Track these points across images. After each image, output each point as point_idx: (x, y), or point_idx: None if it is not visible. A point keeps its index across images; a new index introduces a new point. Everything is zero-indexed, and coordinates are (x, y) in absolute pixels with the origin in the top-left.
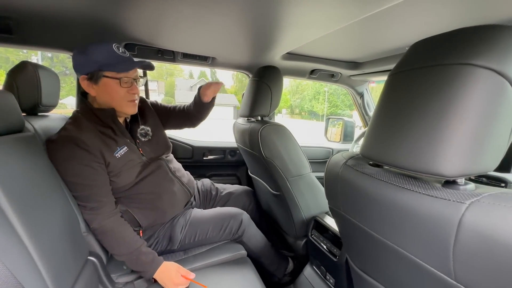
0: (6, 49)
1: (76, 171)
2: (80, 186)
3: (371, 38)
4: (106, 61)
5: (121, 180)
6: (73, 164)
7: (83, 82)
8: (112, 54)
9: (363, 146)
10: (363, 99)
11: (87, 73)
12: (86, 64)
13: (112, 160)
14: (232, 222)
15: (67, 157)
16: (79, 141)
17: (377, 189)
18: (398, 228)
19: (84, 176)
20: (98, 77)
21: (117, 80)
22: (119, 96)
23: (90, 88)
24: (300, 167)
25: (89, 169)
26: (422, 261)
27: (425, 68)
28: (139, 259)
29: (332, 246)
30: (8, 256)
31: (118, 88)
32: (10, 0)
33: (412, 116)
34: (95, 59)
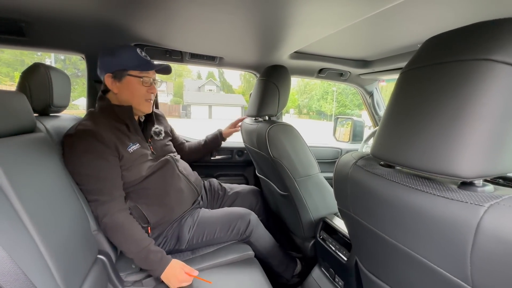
0: (21, 52)
1: (93, 164)
2: (94, 179)
3: (381, 35)
4: (130, 62)
5: (132, 174)
6: (90, 157)
7: (108, 79)
8: (136, 56)
9: (374, 146)
10: (373, 98)
11: (112, 71)
12: (113, 64)
13: (125, 154)
14: (240, 223)
15: (84, 150)
16: (97, 135)
17: (388, 190)
18: (411, 231)
19: (100, 169)
20: (122, 75)
21: (139, 79)
22: (139, 94)
23: (113, 86)
24: (308, 167)
25: (105, 162)
26: (436, 265)
27: (440, 64)
28: (148, 258)
29: (341, 248)
30: (19, 254)
31: (139, 87)
32: (22, 4)
33: (426, 115)
34: (121, 60)
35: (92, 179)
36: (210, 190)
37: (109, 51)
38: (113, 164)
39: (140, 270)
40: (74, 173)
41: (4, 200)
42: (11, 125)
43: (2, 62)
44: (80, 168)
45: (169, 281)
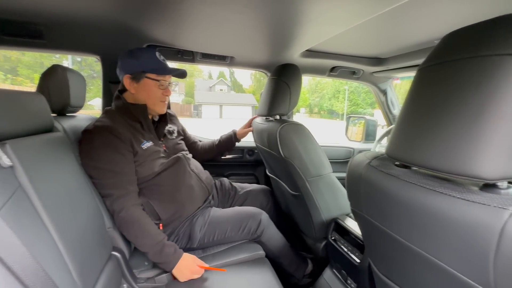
0: (41, 55)
1: (110, 158)
2: (111, 173)
3: (395, 32)
4: (149, 65)
5: (144, 170)
6: (107, 152)
7: (126, 80)
8: (155, 60)
9: (390, 145)
10: (387, 96)
11: (131, 72)
12: (132, 66)
13: (139, 150)
14: (251, 222)
15: (102, 145)
16: (113, 130)
17: (404, 191)
18: (428, 234)
19: (116, 163)
20: (140, 77)
21: (156, 82)
22: (155, 96)
23: (131, 86)
24: (320, 167)
25: (121, 156)
26: (456, 270)
27: (461, 60)
28: (163, 251)
29: (353, 249)
30: (38, 250)
31: (156, 89)
32: (41, 8)
33: (446, 113)
34: (141, 63)
35: (108, 173)
36: (221, 190)
37: (130, 53)
38: (128, 159)
39: (152, 267)
40: (90, 167)
41: (24, 197)
42: (31, 125)
43: (23, 64)
44: (97, 163)
45: (182, 273)
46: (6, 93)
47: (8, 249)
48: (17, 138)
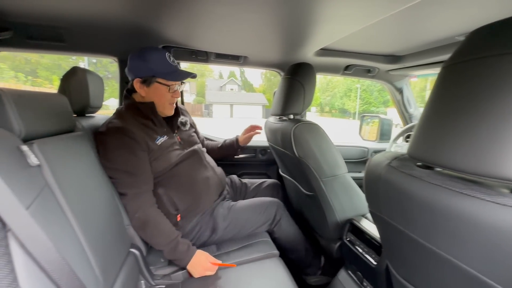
0: (58, 57)
1: (124, 159)
2: (125, 174)
3: (413, 28)
4: (160, 69)
5: (161, 164)
6: (121, 152)
7: (137, 84)
8: (166, 64)
9: (411, 145)
10: (403, 95)
11: (142, 77)
12: (143, 69)
13: (154, 146)
14: (270, 209)
15: (116, 146)
16: (127, 131)
17: (428, 193)
18: (454, 237)
19: (130, 164)
20: (151, 82)
21: (167, 87)
22: (165, 99)
23: (141, 90)
24: (335, 167)
25: (135, 157)
26: (486, 277)
27: (490, 57)
28: (177, 248)
29: (370, 251)
30: (63, 246)
31: (166, 93)
32: (62, 11)
33: (474, 112)
34: (151, 67)
35: (123, 174)
36: (232, 186)
37: (140, 55)
38: (143, 158)
39: (168, 264)
40: (107, 168)
41: (51, 195)
42: (55, 125)
43: (42, 66)
44: (112, 164)
45: (195, 269)
46: (32, 94)
47: (37, 245)
48: (43, 138)
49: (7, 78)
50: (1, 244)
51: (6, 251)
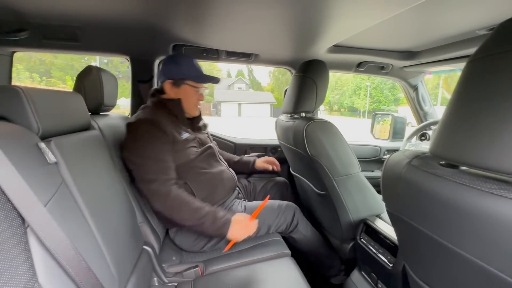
0: (71, 58)
1: (153, 147)
2: (155, 160)
3: (431, 23)
4: (190, 73)
5: (182, 157)
6: (151, 141)
7: (167, 85)
8: (195, 68)
9: (434, 143)
10: (417, 92)
11: (173, 78)
12: (175, 72)
13: (179, 139)
14: (287, 213)
15: (146, 135)
16: (156, 123)
17: (453, 193)
18: (484, 240)
19: (159, 151)
20: (180, 83)
21: (195, 89)
22: (192, 101)
23: (171, 91)
24: (349, 166)
25: (163, 146)
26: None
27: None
28: (217, 215)
29: (385, 252)
30: (80, 243)
31: (193, 95)
32: (76, 11)
33: (505, 108)
34: (184, 70)
35: (153, 161)
36: (242, 187)
37: (172, 59)
38: (169, 149)
39: (180, 262)
40: (136, 155)
41: (67, 193)
42: (71, 123)
43: (56, 67)
44: (142, 150)
45: (238, 233)
46: (49, 92)
47: (55, 241)
48: (60, 135)
49: (23, 79)
50: (21, 240)
51: (26, 247)
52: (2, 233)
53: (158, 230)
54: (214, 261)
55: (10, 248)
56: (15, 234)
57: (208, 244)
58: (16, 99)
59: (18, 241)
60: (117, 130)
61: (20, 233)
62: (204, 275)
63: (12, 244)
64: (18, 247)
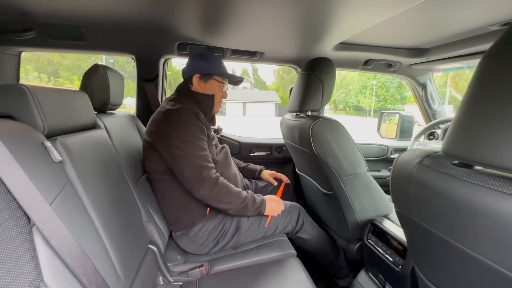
0: (78, 58)
1: (197, 135)
2: (200, 148)
3: (442, 18)
4: (217, 69)
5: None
6: (195, 129)
7: (195, 79)
8: (222, 65)
9: (447, 142)
10: (426, 90)
11: (201, 73)
12: (204, 67)
13: (209, 135)
14: (292, 212)
15: (189, 123)
16: (196, 113)
17: (467, 194)
18: (500, 243)
19: (202, 140)
20: (209, 78)
21: (221, 84)
22: (218, 97)
23: (198, 85)
24: (356, 166)
25: (204, 136)
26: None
27: None
28: (255, 198)
29: (393, 253)
30: (85, 242)
31: (219, 90)
32: (82, 11)
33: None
34: (213, 66)
35: (198, 147)
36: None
37: (202, 56)
38: (206, 140)
39: (185, 262)
40: (181, 141)
41: (72, 191)
42: (77, 122)
43: (63, 67)
44: (188, 137)
45: (274, 209)
46: (55, 91)
47: (60, 240)
48: (66, 134)
49: (31, 79)
50: (27, 239)
51: (31, 246)
52: (8, 232)
53: (164, 229)
54: (219, 261)
55: (15, 247)
56: (21, 233)
57: (215, 248)
58: (22, 98)
59: (23, 240)
60: (123, 128)
61: (25, 232)
62: (209, 275)
63: (18, 243)
64: (24, 246)
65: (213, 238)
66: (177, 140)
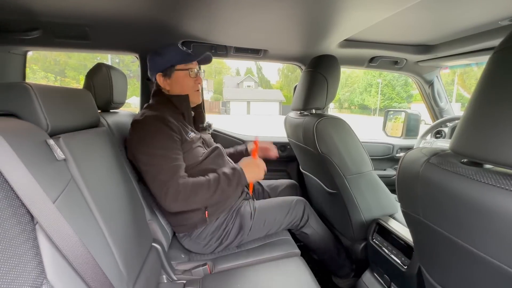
0: (84, 57)
1: (162, 144)
2: (164, 158)
3: (450, 14)
4: (176, 58)
5: (191, 158)
6: (160, 138)
7: (159, 78)
8: (179, 52)
9: (455, 140)
10: (433, 88)
11: (162, 70)
12: (162, 63)
13: (187, 139)
14: (297, 208)
15: (155, 132)
16: (164, 119)
17: (477, 193)
18: (511, 244)
19: (171, 151)
20: (171, 71)
21: (186, 71)
22: (189, 86)
23: (165, 83)
24: (361, 165)
25: (173, 143)
26: None
27: None
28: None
29: (398, 253)
30: (88, 240)
31: (187, 79)
32: (86, 9)
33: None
34: (168, 58)
35: (161, 158)
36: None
37: (156, 53)
38: (179, 146)
39: (189, 260)
40: (143, 153)
41: (76, 190)
42: (81, 120)
43: (70, 67)
44: (151, 148)
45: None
46: (58, 90)
47: (63, 238)
48: (69, 132)
49: (38, 79)
50: (30, 236)
51: (35, 244)
52: (11, 229)
53: (167, 227)
54: (223, 260)
55: (18, 244)
56: (24, 230)
57: (219, 248)
58: (25, 96)
59: (26, 237)
60: (126, 127)
61: (28, 230)
62: (212, 274)
63: (21, 240)
64: (27, 243)
65: (217, 238)
66: (143, 154)
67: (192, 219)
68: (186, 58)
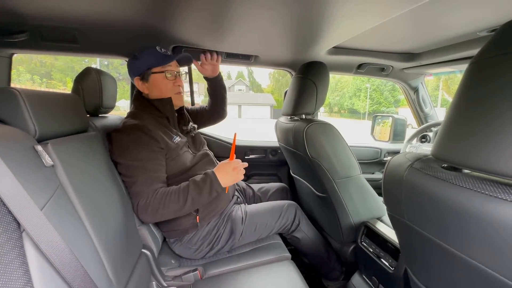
0: (71, 60)
1: (141, 155)
2: (142, 170)
3: (433, 24)
4: (151, 60)
5: (178, 164)
6: (138, 148)
7: (137, 82)
8: (156, 54)
9: (436, 145)
10: (418, 94)
11: (139, 74)
12: (138, 67)
13: (172, 145)
14: (289, 212)
15: (132, 142)
16: (144, 128)
17: (456, 197)
18: (489, 246)
19: (148, 159)
20: (147, 75)
21: (163, 74)
22: (167, 89)
23: (143, 87)
24: (349, 169)
25: (152, 153)
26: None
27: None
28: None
29: (386, 255)
30: (76, 247)
31: (165, 82)
32: (75, 13)
33: (510, 110)
34: (144, 61)
35: (139, 170)
36: (240, 191)
37: (134, 57)
38: (159, 156)
39: (179, 266)
40: (121, 164)
41: (64, 196)
42: (69, 125)
43: (56, 69)
44: (128, 159)
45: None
46: (47, 95)
47: (51, 246)
48: (57, 138)
49: (23, 81)
50: (16, 244)
51: (21, 252)
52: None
53: (157, 233)
54: (213, 265)
55: (5, 252)
56: (10, 238)
57: (210, 253)
58: (12, 101)
59: (13, 245)
60: None
61: (15, 238)
62: (203, 279)
63: (7, 248)
64: (13, 251)
65: (208, 243)
66: (121, 165)
67: (183, 224)
68: (161, 60)
